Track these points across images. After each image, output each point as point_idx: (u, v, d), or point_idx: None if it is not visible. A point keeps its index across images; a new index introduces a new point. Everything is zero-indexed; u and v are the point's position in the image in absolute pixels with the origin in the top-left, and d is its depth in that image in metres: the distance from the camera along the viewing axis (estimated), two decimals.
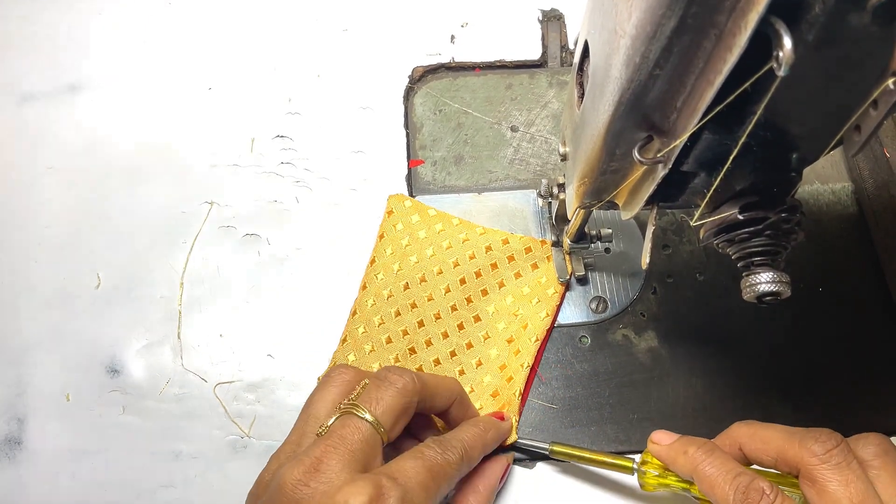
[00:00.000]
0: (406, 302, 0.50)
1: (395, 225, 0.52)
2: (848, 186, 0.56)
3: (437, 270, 0.50)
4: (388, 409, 0.37)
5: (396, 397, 0.38)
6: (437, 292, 0.50)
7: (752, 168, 0.30)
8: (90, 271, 0.52)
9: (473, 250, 0.51)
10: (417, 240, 0.51)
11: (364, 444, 0.36)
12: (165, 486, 0.46)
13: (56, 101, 0.57)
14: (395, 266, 0.50)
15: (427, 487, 0.36)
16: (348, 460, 0.35)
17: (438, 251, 0.51)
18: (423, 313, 0.50)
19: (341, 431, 0.36)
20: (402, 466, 0.36)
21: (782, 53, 0.22)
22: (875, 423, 0.49)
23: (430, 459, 0.37)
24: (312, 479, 0.34)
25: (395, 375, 0.39)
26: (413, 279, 0.50)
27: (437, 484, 0.37)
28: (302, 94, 0.58)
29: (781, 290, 0.32)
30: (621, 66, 0.27)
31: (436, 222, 0.52)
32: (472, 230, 0.52)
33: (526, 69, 0.60)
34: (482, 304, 0.50)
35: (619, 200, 0.38)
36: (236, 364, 0.49)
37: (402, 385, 0.39)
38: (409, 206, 0.53)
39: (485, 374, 0.48)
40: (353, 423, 0.36)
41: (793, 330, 0.51)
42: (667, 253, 0.53)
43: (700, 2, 0.23)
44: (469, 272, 0.50)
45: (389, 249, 0.51)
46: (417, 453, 0.37)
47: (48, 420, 0.48)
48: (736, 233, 0.32)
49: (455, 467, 0.38)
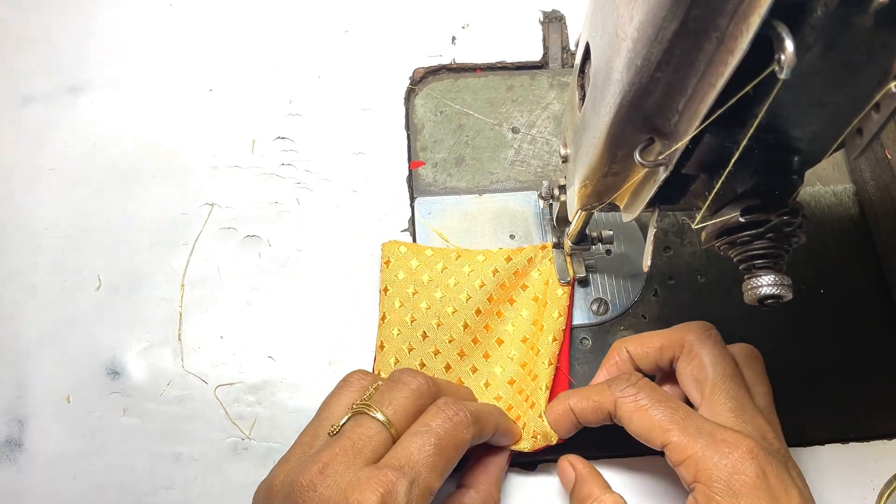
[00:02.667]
0: (428, 351, 0.48)
1: (396, 275, 0.50)
2: (849, 188, 0.56)
3: (451, 311, 0.49)
4: (401, 409, 0.37)
5: (410, 398, 0.38)
6: (455, 331, 0.49)
7: (753, 171, 0.30)
8: (91, 273, 0.52)
9: (481, 278, 0.50)
10: (423, 285, 0.50)
11: (374, 443, 0.36)
12: (166, 487, 0.46)
13: (57, 103, 0.57)
14: (407, 318, 0.49)
15: (435, 466, 0.35)
16: (355, 459, 0.35)
17: (447, 291, 0.50)
18: (447, 357, 0.48)
19: (351, 433, 0.36)
20: (408, 448, 0.35)
21: (784, 56, 0.22)
22: (876, 423, 0.49)
23: (438, 430, 0.36)
24: (321, 482, 0.34)
25: (408, 376, 0.39)
26: (429, 326, 0.49)
27: (446, 458, 0.36)
28: (303, 95, 0.58)
29: (783, 293, 0.32)
30: (622, 69, 0.27)
31: (436, 262, 0.51)
32: (473, 259, 0.51)
33: (527, 70, 0.60)
34: (501, 327, 0.50)
35: (621, 202, 0.38)
36: (237, 366, 0.49)
37: (415, 386, 0.38)
38: (405, 251, 0.51)
39: (517, 390, 0.48)
40: (364, 422, 0.36)
41: (794, 331, 0.51)
42: (668, 255, 0.53)
43: (702, 5, 0.23)
44: (482, 300, 0.49)
45: (398, 302, 0.50)
46: (423, 426, 0.37)
47: (49, 422, 0.48)
48: (737, 235, 0.32)
49: (466, 430, 0.38)
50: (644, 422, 0.39)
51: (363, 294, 0.52)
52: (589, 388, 0.43)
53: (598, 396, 0.41)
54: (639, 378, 0.41)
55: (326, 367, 0.49)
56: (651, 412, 0.38)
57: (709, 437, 0.36)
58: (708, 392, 0.40)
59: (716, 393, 0.39)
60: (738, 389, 0.40)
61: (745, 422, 0.38)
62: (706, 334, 0.41)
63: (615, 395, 0.40)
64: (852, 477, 0.47)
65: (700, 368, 0.40)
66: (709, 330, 0.42)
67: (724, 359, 0.40)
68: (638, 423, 0.39)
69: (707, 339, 0.41)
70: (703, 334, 0.41)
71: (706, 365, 0.40)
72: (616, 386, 0.41)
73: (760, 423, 0.39)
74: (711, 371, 0.40)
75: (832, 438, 0.48)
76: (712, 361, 0.40)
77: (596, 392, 0.41)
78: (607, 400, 0.41)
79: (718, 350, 0.41)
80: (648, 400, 0.39)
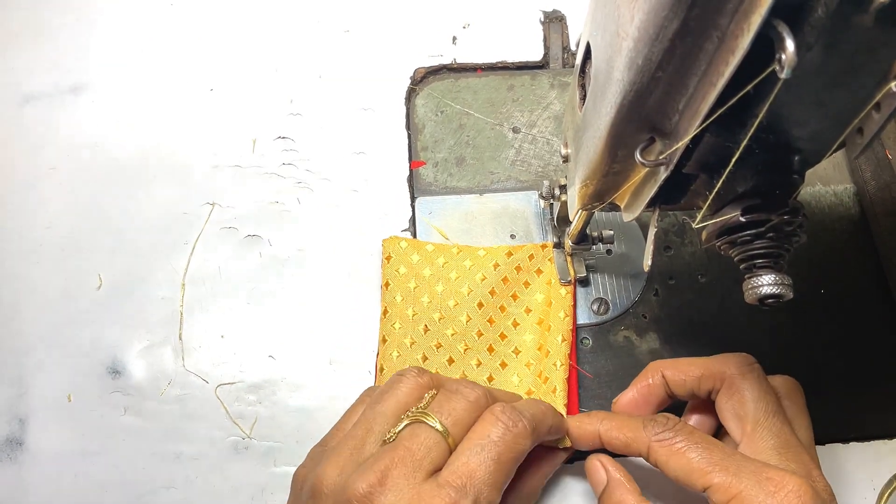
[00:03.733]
0: (430, 344, 0.48)
1: (398, 269, 0.50)
2: (850, 188, 0.56)
3: (452, 304, 0.49)
4: (459, 420, 0.37)
5: (468, 410, 0.37)
6: (458, 325, 0.49)
7: (754, 170, 0.30)
8: (92, 272, 0.52)
9: (482, 272, 0.50)
10: (424, 279, 0.50)
11: (433, 454, 0.35)
12: (167, 487, 0.46)
13: (58, 102, 0.57)
14: (409, 312, 0.49)
15: (496, 483, 0.35)
16: (415, 472, 0.34)
17: (448, 284, 0.50)
18: (450, 350, 0.48)
19: (409, 442, 0.35)
20: (468, 465, 0.35)
21: (785, 56, 0.22)
22: (876, 423, 0.49)
23: (498, 443, 0.36)
24: (379, 493, 0.33)
25: (467, 388, 0.39)
26: (431, 319, 0.49)
27: (506, 472, 0.36)
28: (303, 95, 0.58)
29: (784, 292, 0.32)
30: (623, 69, 0.27)
31: (437, 256, 0.51)
32: (474, 254, 0.51)
33: (528, 70, 0.60)
34: (504, 321, 0.50)
35: (621, 202, 0.38)
36: (238, 365, 0.49)
37: (474, 398, 0.38)
38: (406, 246, 0.51)
39: (524, 388, 0.48)
40: (422, 432, 0.36)
41: (794, 331, 0.51)
42: (668, 254, 0.53)
43: (702, 4, 0.23)
44: (484, 294, 0.49)
45: (399, 296, 0.50)
46: (484, 438, 0.36)
47: (49, 421, 0.48)
48: (738, 235, 0.32)
49: (525, 440, 0.37)
50: (682, 465, 0.37)
51: (364, 293, 0.52)
52: (623, 420, 0.41)
53: (631, 433, 0.40)
54: (676, 422, 0.39)
55: (327, 367, 0.49)
56: (689, 455, 0.37)
57: (753, 476, 0.35)
58: (749, 429, 0.38)
59: (758, 430, 0.38)
60: (782, 426, 0.38)
61: (790, 459, 0.37)
62: (748, 368, 0.40)
63: (650, 439, 0.39)
64: (853, 477, 0.47)
65: (742, 404, 0.39)
66: (751, 364, 0.40)
67: (768, 395, 0.39)
68: (675, 466, 0.37)
69: (749, 374, 0.40)
70: (745, 368, 0.40)
71: (748, 401, 0.39)
72: (651, 429, 0.39)
73: (806, 460, 0.37)
74: (753, 407, 0.39)
75: (832, 438, 0.48)
76: (755, 397, 0.39)
77: (630, 428, 0.40)
78: (641, 441, 0.39)
79: (761, 385, 0.39)
80: (685, 443, 0.38)
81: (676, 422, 0.39)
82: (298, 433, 0.47)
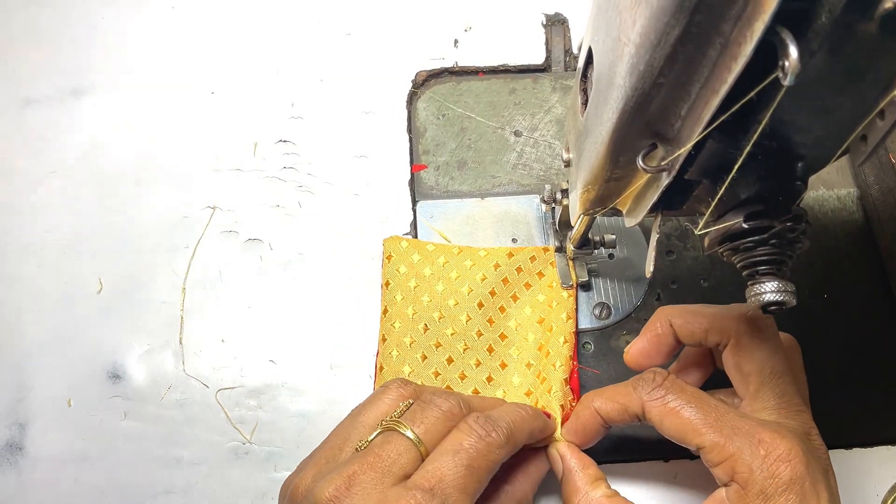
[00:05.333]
0: (430, 343, 0.48)
1: (398, 269, 0.50)
2: (853, 192, 0.55)
3: (452, 303, 0.49)
4: (432, 428, 0.37)
5: (441, 419, 0.37)
6: (457, 324, 0.49)
7: (756, 177, 0.30)
8: (92, 276, 0.52)
9: (483, 272, 0.50)
10: (424, 278, 0.50)
11: (403, 460, 0.35)
12: (167, 492, 0.46)
13: (59, 106, 0.57)
14: (409, 311, 0.49)
15: (466, 488, 0.35)
16: (383, 477, 0.34)
17: (448, 284, 0.50)
18: (449, 349, 0.48)
19: (379, 449, 0.35)
20: (439, 469, 0.35)
21: (788, 63, 0.21)
22: (880, 429, 0.48)
23: (470, 450, 0.36)
24: (345, 496, 0.33)
25: (440, 398, 0.39)
26: (431, 318, 0.49)
27: (477, 479, 0.36)
28: (305, 98, 0.58)
29: (787, 299, 0.31)
30: (625, 74, 0.27)
31: (437, 256, 0.51)
32: (475, 254, 0.51)
33: (529, 74, 0.59)
34: (504, 321, 0.50)
35: (623, 207, 0.38)
36: (238, 370, 0.49)
37: (447, 407, 0.38)
38: (406, 246, 0.51)
39: (524, 389, 0.48)
40: (394, 440, 0.36)
41: (797, 336, 0.50)
42: (671, 259, 0.53)
43: (705, 10, 0.23)
44: (484, 294, 0.49)
45: (399, 295, 0.50)
46: (456, 445, 0.36)
47: (49, 425, 0.48)
48: (741, 241, 0.32)
49: (499, 450, 0.37)
50: (676, 424, 0.37)
51: (365, 297, 0.51)
52: (613, 388, 0.41)
53: (623, 399, 0.40)
54: (664, 377, 0.39)
55: (328, 371, 0.49)
56: (683, 413, 0.37)
57: (746, 438, 0.35)
58: (753, 389, 0.38)
59: (762, 390, 0.38)
60: (787, 387, 0.38)
61: (790, 418, 0.37)
62: (758, 325, 0.39)
63: (642, 399, 0.39)
64: (856, 483, 0.47)
65: (749, 362, 0.38)
66: (760, 321, 0.39)
67: (776, 354, 0.39)
68: (670, 425, 0.37)
69: (758, 332, 0.39)
70: (754, 325, 0.39)
71: (755, 360, 0.38)
72: (642, 388, 0.39)
73: (805, 419, 0.37)
74: (759, 367, 0.38)
75: (836, 444, 0.48)
76: (762, 357, 0.38)
77: (621, 394, 0.40)
78: (634, 403, 0.39)
79: (770, 344, 0.39)
80: (678, 401, 0.37)
81: (665, 377, 0.39)
82: (299, 438, 0.47)
